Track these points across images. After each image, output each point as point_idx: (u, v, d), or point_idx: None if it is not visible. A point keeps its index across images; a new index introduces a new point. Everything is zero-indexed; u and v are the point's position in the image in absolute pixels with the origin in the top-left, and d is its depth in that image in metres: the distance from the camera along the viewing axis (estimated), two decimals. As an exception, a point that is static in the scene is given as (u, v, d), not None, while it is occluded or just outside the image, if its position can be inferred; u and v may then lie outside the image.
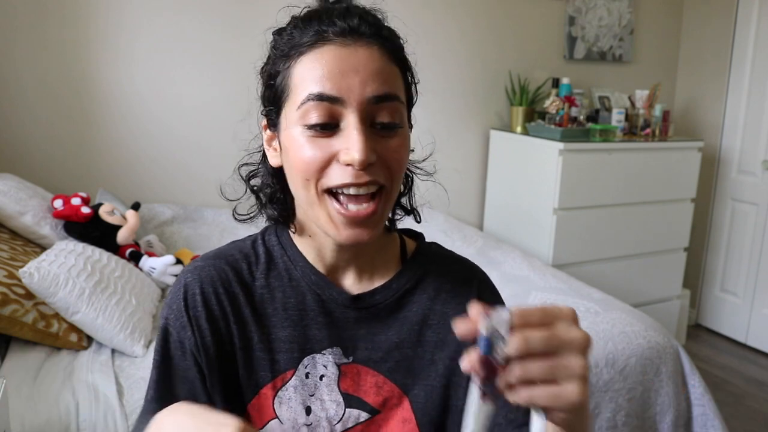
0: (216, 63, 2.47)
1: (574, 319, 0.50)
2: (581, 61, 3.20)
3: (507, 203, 2.95)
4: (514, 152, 2.89)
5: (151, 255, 1.89)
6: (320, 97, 0.60)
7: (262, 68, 0.69)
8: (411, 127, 0.72)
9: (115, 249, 1.82)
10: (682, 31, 3.47)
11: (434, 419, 0.71)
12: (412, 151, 0.74)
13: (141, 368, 1.45)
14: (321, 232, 0.67)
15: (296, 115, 0.62)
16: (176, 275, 1.83)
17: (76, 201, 1.85)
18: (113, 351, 1.52)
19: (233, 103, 2.47)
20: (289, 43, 0.64)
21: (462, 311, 0.69)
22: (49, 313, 1.51)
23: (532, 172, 2.75)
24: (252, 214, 0.75)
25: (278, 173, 0.70)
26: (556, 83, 2.92)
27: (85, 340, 1.55)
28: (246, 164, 0.75)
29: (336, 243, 0.67)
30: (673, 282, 3.04)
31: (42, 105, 2.26)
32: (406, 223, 0.81)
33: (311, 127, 0.61)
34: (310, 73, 0.61)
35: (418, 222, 0.79)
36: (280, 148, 0.67)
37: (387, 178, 0.63)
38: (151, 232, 2.17)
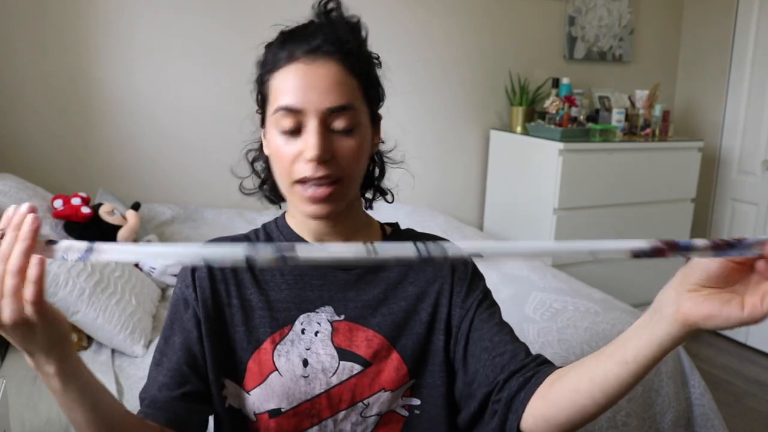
0: (216, 63, 2.47)
1: None
2: (581, 61, 3.20)
3: (507, 203, 2.95)
4: (514, 152, 2.89)
5: (151, 255, 1.89)
6: (287, 109, 0.73)
7: (256, 78, 0.82)
8: (378, 120, 0.84)
9: (115, 249, 1.82)
10: (682, 31, 3.47)
11: (421, 362, 0.82)
12: (382, 142, 0.87)
13: (141, 368, 1.44)
14: (300, 215, 0.81)
15: (272, 119, 0.76)
16: (176, 275, 1.83)
17: (76, 201, 1.85)
18: (113, 351, 1.52)
19: (233, 103, 2.47)
20: (270, 59, 0.78)
21: (438, 271, 0.84)
22: (49, 313, 1.50)
23: (532, 172, 2.75)
24: (254, 191, 0.89)
25: (269, 161, 0.83)
26: (556, 83, 2.92)
27: (85, 340, 1.55)
28: (251, 150, 0.89)
29: (306, 218, 0.79)
30: (673, 282, 3.04)
31: (42, 105, 2.26)
32: (385, 216, 0.92)
33: (282, 132, 0.74)
34: (281, 87, 0.75)
35: (390, 202, 0.91)
36: (267, 143, 0.80)
37: (343, 171, 0.75)
38: (151, 232, 2.17)
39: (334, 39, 0.75)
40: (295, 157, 0.74)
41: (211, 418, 0.84)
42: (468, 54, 2.94)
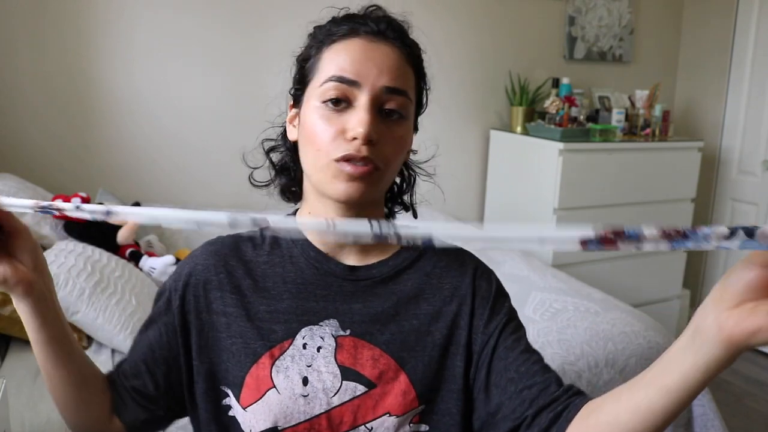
0: (216, 63, 2.47)
1: None
2: (581, 61, 3.20)
3: (507, 203, 2.95)
4: (514, 152, 2.89)
5: (151, 255, 1.89)
6: (340, 79, 0.69)
7: (299, 55, 0.77)
8: (416, 129, 0.81)
9: (115, 249, 1.82)
10: (682, 31, 3.47)
11: (432, 389, 0.74)
12: (415, 152, 0.83)
13: (141, 368, 1.45)
14: (320, 207, 0.75)
15: (318, 91, 0.71)
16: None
17: (76, 201, 1.85)
18: (113, 351, 1.52)
19: (233, 103, 2.47)
20: (325, 34, 0.74)
21: (456, 287, 0.78)
22: (49, 313, 1.50)
23: (532, 172, 2.75)
24: (266, 182, 0.83)
25: (293, 148, 0.79)
26: (556, 83, 2.92)
27: (85, 340, 1.55)
28: (269, 139, 0.84)
29: (333, 201, 0.72)
30: (673, 282, 3.04)
31: (42, 105, 2.26)
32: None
33: (327, 101, 0.69)
34: (337, 58, 0.70)
35: (415, 218, 0.84)
36: (299, 124, 0.75)
37: (383, 161, 0.70)
38: (151, 232, 2.17)
39: (398, 28, 0.74)
40: (337, 134, 0.69)
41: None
42: (468, 54, 2.94)
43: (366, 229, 0.53)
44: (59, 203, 0.63)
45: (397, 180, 0.85)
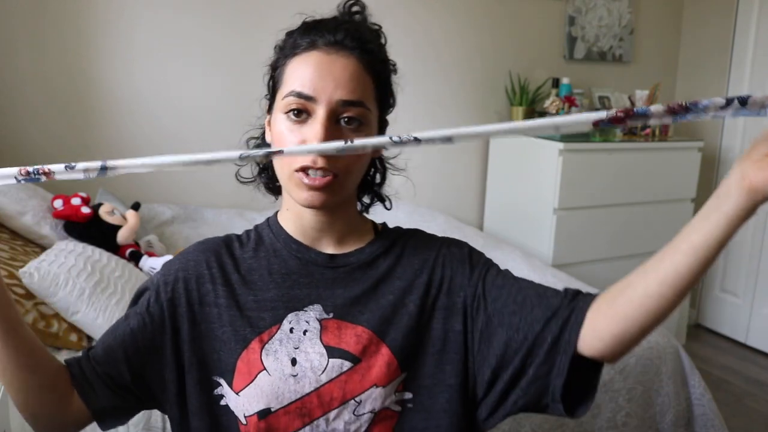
0: (216, 63, 2.47)
1: None
2: (581, 61, 3.20)
3: (507, 203, 2.95)
4: (514, 152, 2.89)
5: (151, 255, 1.89)
6: (299, 95, 0.73)
7: (270, 63, 0.82)
8: (385, 126, 0.84)
9: (115, 249, 1.82)
10: (682, 31, 3.47)
11: (412, 356, 0.80)
12: (386, 149, 0.86)
13: (141, 368, 1.44)
14: (295, 205, 0.80)
15: (281, 103, 0.76)
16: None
17: (76, 201, 1.85)
18: (113, 351, 1.52)
19: (233, 103, 2.47)
20: (290, 44, 0.78)
21: (425, 260, 0.84)
22: (49, 313, 1.50)
23: (532, 172, 2.75)
24: (251, 179, 0.89)
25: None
26: (556, 83, 2.92)
27: (85, 340, 1.55)
28: (253, 137, 0.90)
29: (302, 206, 0.78)
30: (673, 282, 3.04)
31: (42, 105, 2.26)
32: (385, 216, 0.91)
33: (288, 112, 0.75)
34: (297, 72, 0.75)
35: (389, 209, 0.91)
36: (271, 130, 0.81)
37: (341, 170, 0.74)
38: (151, 232, 2.17)
39: (356, 36, 0.76)
40: (298, 143, 0.73)
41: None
42: (468, 54, 2.94)
43: (386, 140, 0.58)
44: (47, 166, 0.62)
45: (371, 173, 0.90)
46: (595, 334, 0.70)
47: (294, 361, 0.77)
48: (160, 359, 0.80)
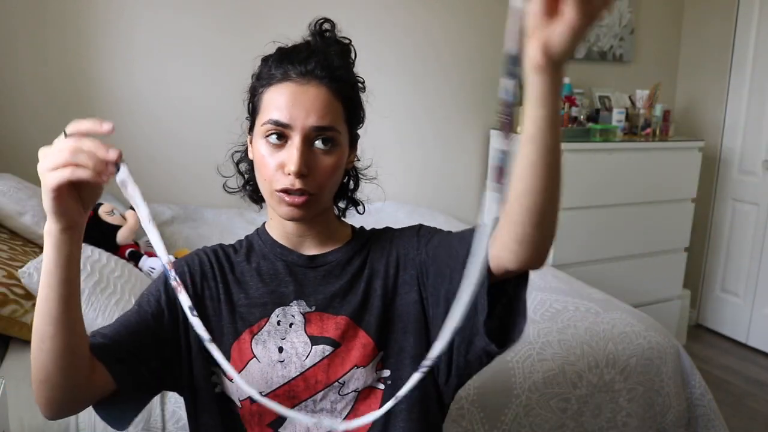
0: (216, 62, 2.47)
1: None
2: (581, 60, 3.19)
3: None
4: (514, 152, 2.88)
5: (150, 255, 1.89)
6: (276, 123, 0.81)
7: (250, 85, 0.90)
8: (356, 141, 0.93)
9: (115, 249, 1.82)
10: (683, 30, 3.47)
11: (384, 335, 0.88)
12: (358, 160, 0.97)
13: (140, 368, 1.44)
14: (276, 215, 0.89)
15: (261, 129, 0.83)
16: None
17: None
18: (113, 351, 1.52)
19: (233, 103, 2.47)
20: (266, 74, 0.85)
21: (383, 247, 0.93)
22: (48, 313, 1.50)
23: (532, 172, 2.75)
24: (237, 189, 0.98)
25: (253, 164, 0.91)
26: (556, 83, 2.91)
27: (85, 340, 1.55)
28: (237, 151, 0.98)
29: (282, 218, 0.87)
30: (674, 282, 3.04)
31: (42, 105, 2.26)
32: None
33: (268, 136, 0.83)
34: (273, 102, 0.83)
35: (361, 213, 1.01)
36: (252, 150, 0.88)
37: (316, 188, 0.83)
38: (151, 232, 2.17)
39: (326, 65, 0.83)
40: (278, 167, 0.81)
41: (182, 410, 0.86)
42: (468, 54, 2.94)
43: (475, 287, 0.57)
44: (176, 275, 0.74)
45: (345, 182, 0.98)
46: (501, 248, 0.72)
47: (281, 349, 0.86)
48: (177, 342, 0.87)
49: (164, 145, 2.45)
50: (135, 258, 1.84)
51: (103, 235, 1.81)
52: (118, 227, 1.85)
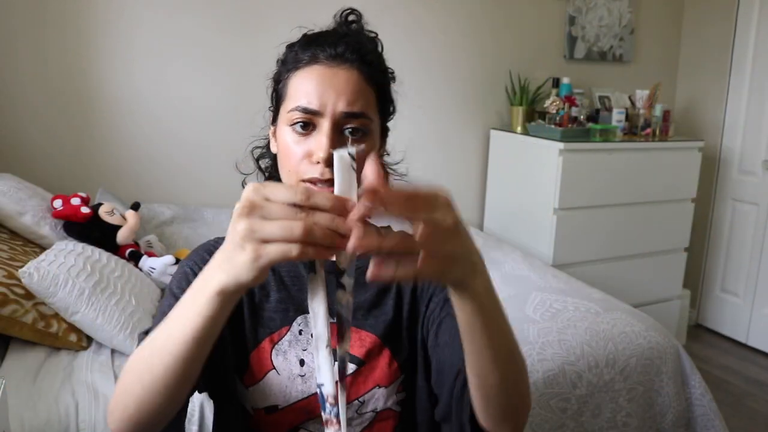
0: (216, 63, 2.47)
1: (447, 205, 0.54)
2: (581, 60, 3.19)
3: (507, 203, 2.95)
4: (514, 152, 2.88)
5: (150, 255, 1.89)
6: (304, 110, 0.75)
7: (273, 75, 0.84)
8: (387, 133, 0.86)
9: (115, 249, 1.82)
10: (683, 30, 3.47)
11: (409, 354, 0.85)
12: (388, 154, 0.90)
13: (141, 368, 1.44)
14: None
15: (286, 117, 0.77)
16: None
17: (75, 201, 1.85)
18: (113, 351, 1.52)
19: (233, 103, 2.47)
20: (292, 58, 0.80)
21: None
22: (48, 313, 1.50)
23: (532, 172, 2.75)
24: None
25: (276, 159, 0.84)
26: (556, 83, 2.92)
27: (85, 340, 1.55)
28: (257, 147, 0.91)
29: None
30: (674, 282, 3.04)
31: (42, 105, 2.26)
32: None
33: (294, 124, 0.76)
34: (301, 87, 0.76)
35: None
36: (276, 141, 0.82)
37: None
38: (151, 232, 2.17)
39: (357, 47, 0.77)
40: (304, 156, 0.75)
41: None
42: (468, 54, 2.94)
43: None
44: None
45: None
46: (477, 408, 0.69)
47: (302, 362, 0.81)
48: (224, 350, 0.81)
49: (164, 145, 2.45)
50: (135, 258, 1.84)
51: (103, 235, 1.81)
52: (118, 227, 1.85)
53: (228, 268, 0.53)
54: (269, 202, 0.51)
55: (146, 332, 0.77)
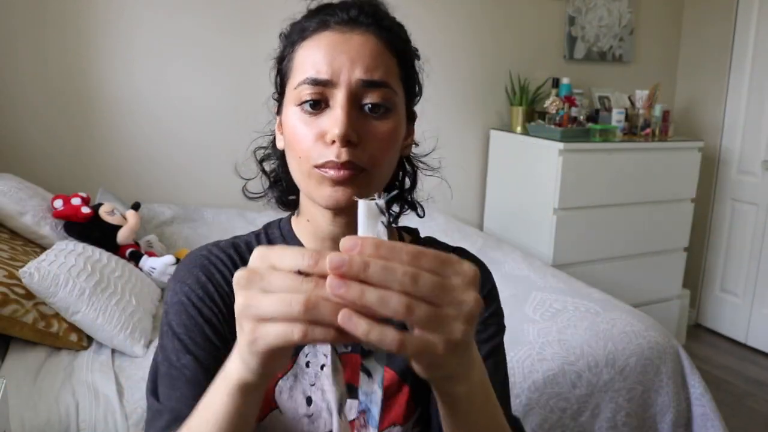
0: (216, 62, 2.47)
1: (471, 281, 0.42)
2: (581, 61, 3.20)
3: (507, 203, 2.95)
4: (514, 152, 2.89)
5: (151, 255, 1.89)
6: (314, 81, 0.62)
7: (276, 56, 0.73)
8: (413, 118, 0.75)
9: (115, 249, 1.82)
10: (682, 31, 3.47)
11: (425, 393, 0.73)
12: (417, 144, 0.78)
13: (141, 368, 1.45)
14: (317, 213, 0.69)
15: (293, 95, 0.65)
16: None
17: (76, 201, 1.85)
18: (113, 351, 1.52)
19: (233, 103, 2.47)
20: (297, 30, 0.68)
21: None
22: (49, 313, 1.51)
23: (532, 172, 2.75)
24: (260, 194, 0.78)
25: (283, 157, 0.72)
26: (556, 83, 2.92)
27: (85, 340, 1.55)
28: (260, 147, 0.79)
29: (322, 208, 0.67)
30: (673, 282, 3.04)
31: (42, 105, 2.26)
32: (405, 220, 0.82)
33: (303, 103, 0.64)
34: (309, 57, 0.64)
35: (421, 217, 0.79)
36: (283, 132, 0.70)
37: (368, 163, 0.63)
38: (151, 232, 2.17)
39: (373, 11, 0.66)
40: (317, 137, 0.63)
41: None
42: (468, 54, 2.94)
43: None
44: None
45: (399, 177, 0.80)
46: None
47: (309, 401, 0.70)
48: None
49: (164, 145, 2.45)
50: (135, 258, 1.85)
51: (103, 235, 1.82)
52: (118, 227, 1.85)
53: (240, 353, 0.45)
54: (273, 271, 0.41)
55: (154, 383, 0.68)
